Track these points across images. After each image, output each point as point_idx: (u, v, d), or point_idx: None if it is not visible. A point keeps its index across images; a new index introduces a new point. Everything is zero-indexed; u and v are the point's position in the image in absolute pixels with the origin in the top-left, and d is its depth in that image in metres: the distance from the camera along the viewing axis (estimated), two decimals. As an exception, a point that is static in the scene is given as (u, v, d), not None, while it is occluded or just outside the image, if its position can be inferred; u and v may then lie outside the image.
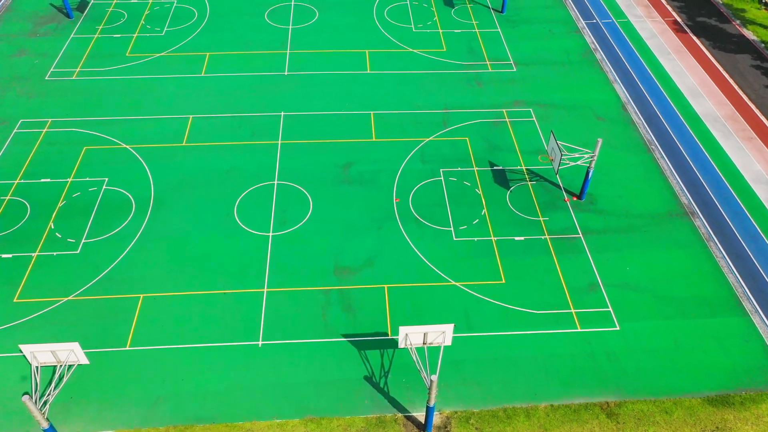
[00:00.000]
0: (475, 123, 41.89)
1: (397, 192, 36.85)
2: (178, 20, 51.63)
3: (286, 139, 40.36)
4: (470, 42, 49.85)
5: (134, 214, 35.08)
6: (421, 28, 51.46)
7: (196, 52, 48.08)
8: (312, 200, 36.22)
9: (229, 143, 39.91)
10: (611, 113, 42.97)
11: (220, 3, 54.10)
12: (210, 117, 41.95)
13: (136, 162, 38.35)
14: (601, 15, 53.62)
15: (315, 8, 53.67)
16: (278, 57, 47.75)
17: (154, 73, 45.69)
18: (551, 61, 47.83)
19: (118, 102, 42.93)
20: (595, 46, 49.63)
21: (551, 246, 33.83)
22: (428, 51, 48.75)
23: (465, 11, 53.66)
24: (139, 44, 48.72)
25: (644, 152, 39.91)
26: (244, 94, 43.99)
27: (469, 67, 47.10)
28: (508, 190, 37.02)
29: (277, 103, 43.20)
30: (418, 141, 40.38)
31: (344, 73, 46.27)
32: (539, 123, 41.93)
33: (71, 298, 30.78)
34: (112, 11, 52.61)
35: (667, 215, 35.67)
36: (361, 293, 31.38)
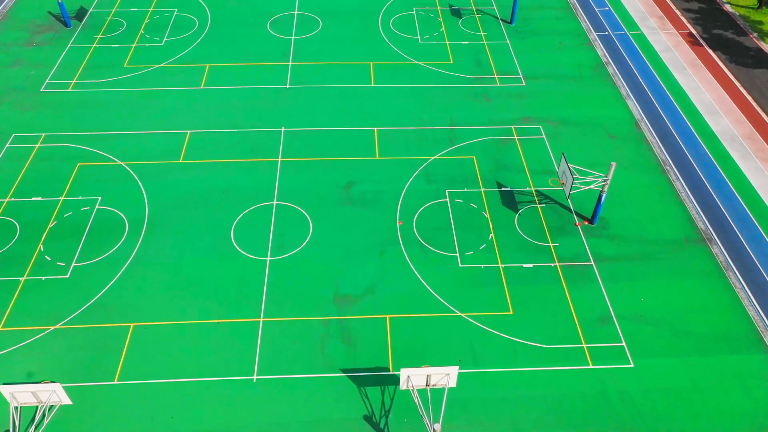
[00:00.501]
0: (482, 140, 40.39)
1: (401, 214, 35.39)
2: (179, 30, 50.34)
3: (286, 156, 38.95)
4: (478, 54, 48.34)
5: (127, 236, 33.73)
6: (428, 39, 49.98)
7: (196, 63, 46.75)
8: (312, 222, 34.80)
9: (227, 160, 38.55)
10: (624, 131, 41.38)
11: (221, 12, 52.80)
12: (208, 132, 40.60)
13: (131, 180, 37.02)
14: (613, 27, 52.01)
15: (318, 18, 52.28)
16: (280, 69, 46.36)
17: (152, 85, 44.38)
18: (562, 75, 46.25)
19: (114, 115, 41.63)
20: (607, 60, 48.03)
21: (561, 274, 32.29)
22: (435, 63, 47.27)
23: (473, 22, 52.16)
24: (137, 55, 47.43)
25: (659, 173, 38.30)
26: (244, 108, 42.62)
27: (476, 80, 45.58)
28: (517, 213, 35.50)
29: (278, 118, 41.80)
30: (423, 159, 38.90)
31: (348, 86, 44.83)
32: (549, 141, 40.39)
33: (59, 326, 29.45)
34: (111, 20, 51.37)
35: (683, 241, 34.06)
36: (361, 324, 29.92)
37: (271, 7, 53.45)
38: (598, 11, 54.03)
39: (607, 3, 54.95)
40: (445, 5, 54.19)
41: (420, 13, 53.23)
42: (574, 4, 54.70)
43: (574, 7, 54.27)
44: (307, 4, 54.07)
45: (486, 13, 53.36)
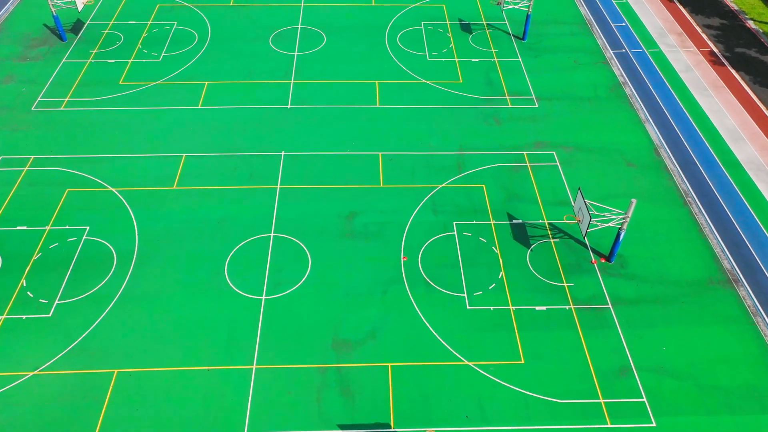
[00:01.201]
0: (492, 167, 38.25)
1: (406, 248, 33.31)
2: (177, 44, 48.46)
3: (285, 183, 36.96)
4: (488, 72, 46.21)
5: (115, 271, 31.82)
6: (436, 56, 47.89)
7: (194, 80, 44.85)
8: (311, 257, 32.78)
9: (223, 187, 36.60)
10: (642, 158, 39.13)
11: (222, 25, 50.90)
12: (205, 156, 38.66)
13: (122, 208, 35.13)
14: (630, 44, 49.74)
15: (323, 32, 50.30)
16: (281, 87, 44.39)
17: (148, 104, 42.51)
18: (576, 97, 44.04)
19: (107, 137, 39.77)
20: (624, 80, 45.77)
21: (576, 318, 30.12)
22: (443, 82, 45.17)
23: (483, 37, 50.03)
24: (133, 71, 45.59)
25: (680, 205, 36.05)
26: (243, 130, 40.66)
27: (486, 101, 43.46)
28: (529, 248, 33.35)
29: (278, 141, 39.83)
30: (429, 188, 36.81)
31: (352, 107, 42.80)
32: (563, 168, 38.21)
33: (37, 372, 27.56)
34: (108, 33, 49.57)
35: (707, 283, 31.81)
36: (361, 373, 27.86)
37: (274, 21, 51.52)
38: (614, 27, 51.78)
39: (624, 19, 52.69)
40: (455, 20, 52.10)
41: (428, 27, 51.15)
42: (590, 20, 52.47)
43: (590, 23, 52.03)
44: (311, 18, 52.12)
45: (497, 28, 51.21)
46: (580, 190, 31.10)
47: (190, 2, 53.64)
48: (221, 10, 52.81)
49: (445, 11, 53.21)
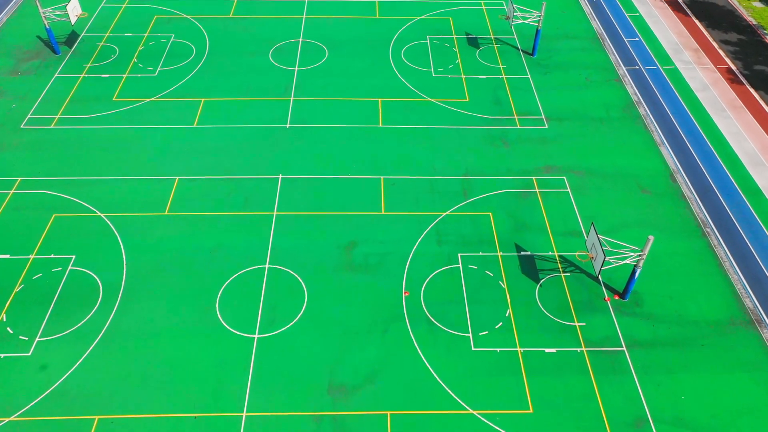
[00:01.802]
0: (500, 193, 36.43)
1: (408, 282, 31.53)
2: (174, 58, 46.82)
3: (282, 209, 35.24)
4: (496, 90, 44.37)
5: (100, 305, 30.15)
6: (442, 72, 46.08)
7: (190, 97, 43.20)
8: (307, 291, 31.03)
9: (217, 213, 34.90)
10: (658, 184, 37.22)
11: (221, 38, 49.25)
12: (199, 179, 36.99)
13: (110, 236, 33.48)
14: (644, 60, 47.80)
15: (325, 47, 48.57)
16: (280, 105, 42.69)
17: (141, 123, 40.88)
18: (588, 117, 42.15)
19: (97, 157, 38.15)
20: (638, 99, 43.84)
21: (589, 362, 28.26)
22: (449, 101, 43.36)
23: (491, 53, 48.19)
24: (128, 86, 43.97)
25: (698, 236, 34.13)
26: (240, 151, 38.95)
27: (494, 121, 41.63)
28: (538, 283, 31.51)
29: (276, 164, 38.10)
30: (433, 215, 35.02)
31: (353, 126, 41.06)
32: (574, 195, 36.34)
33: (13, 418, 25.91)
34: (103, 46, 47.99)
35: (728, 324, 29.89)
36: (358, 422, 26.08)
37: (275, 35, 49.83)
38: (627, 42, 49.84)
39: (638, 33, 50.75)
40: (461, 33, 50.29)
41: (434, 42, 49.35)
42: (602, 35, 50.55)
43: (602, 38, 50.12)
44: (313, 31, 50.40)
45: (505, 43, 49.37)
46: (594, 226, 29.24)
47: (188, 13, 52.03)
48: (220, 22, 51.18)
49: (451, 24, 51.43)
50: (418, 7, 53.50)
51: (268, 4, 53.73)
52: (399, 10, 53.12)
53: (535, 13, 46.42)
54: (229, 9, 52.75)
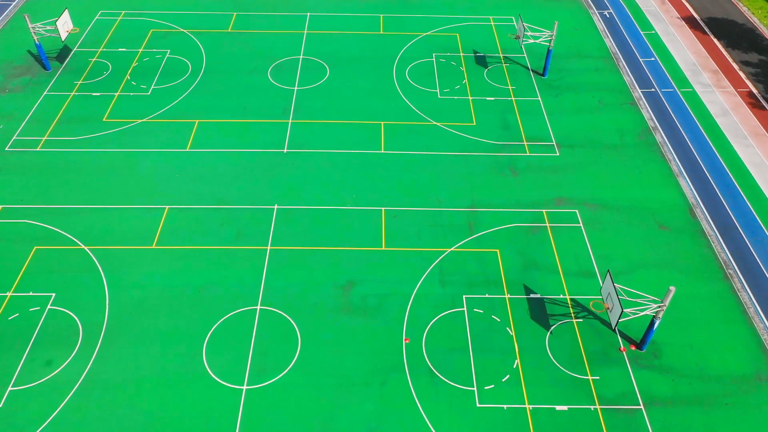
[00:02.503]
0: (508, 228, 34.33)
1: (409, 327, 29.47)
2: (169, 75, 44.91)
3: (277, 243, 33.24)
4: (505, 113, 42.26)
5: (79, 349, 28.19)
6: (448, 93, 44.02)
7: (184, 118, 41.25)
8: (301, 336, 29.00)
9: (208, 247, 32.93)
10: (677, 220, 35.04)
11: (218, 55, 47.30)
12: (190, 209, 35.03)
13: (93, 271, 31.55)
14: (660, 82, 45.58)
15: (326, 64, 46.57)
16: (278, 128, 40.69)
17: (131, 146, 38.96)
18: (601, 144, 40.00)
19: (83, 184, 36.23)
20: (654, 124, 41.66)
21: (603, 422, 26.11)
22: (455, 125, 41.28)
23: (500, 73, 46.07)
24: (119, 106, 42.06)
25: (720, 279, 31.94)
26: (234, 178, 36.97)
27: (502, 147, 39.50)
28: (548, 330, 29.38)
29: (271, 192, 36.11)
30: (437, 252, 32.95)
31: (353, 152, 39.03)
32: (587, 230, 34.21)
33: (-20, 480, 24.05)
34: (95, 62, 46.12)
35: (754, 379, 27.70)
36: (352, 488, 24.08)
37: (275, 51, 47.85)
38: (642, 62, 47.64)
39: (653, 53, 48.54)
40: (469, 51, 48.20)
41: (440, 60, 47.28)
42: (616, 54, 48.36)
43: (616, 57, 47.93)
44: (314, 47, 48.41)
45: (515, 62, 47.24)
46: (609, 275, 27.09)
47: (185, 27, 50.14)
48: (218, 37, 49.26)
49: (458, 41, 49.35)
50: (424, 23, 51.44)
51: (268, 18, 51.79)
52: (404, 26, 51.09)
53: (546, 33, 44.29)
54: (227, 23, 50.83)
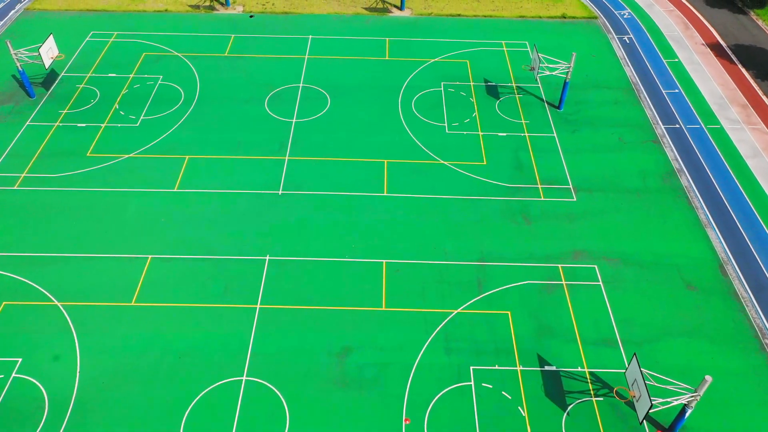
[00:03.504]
0: (520, 285, 31.37)
1: (409, 405, 26.55)
2: (160, 104, 42.22)
3: (267, 300, 30.42)
4: (518, 151, 39.29)
5: (43, 427, 25.48)
6: (457, 127, 41.08)
7: (174, 153, 38.54)
8: (289, 415, 26.13)
9: (191, 305, 30.15)
10: (706, 278, 31.95)
11: (213, 81, 44.56)
12: (174, 259, 32.28)
13: (65, 332, 28.82)
14: (686, 118, 42.44)
15: (327, 93, 43.74)
16: (274, 165, 37.90)
17: (116, 185, 36.27)
18: (622, 187, 36.94)
19: (62, 229, 33.55)
20: (679, 166, 38.56)
21: None
22: (464, 164, 38.34)
23: (512, 104, 43.11)
24: (105, 138, 39.41)
25: (755, 350, 28.82)
26: (224, 223, 34.18)
27: (515, 191, 36.54)
28: (565, 411, 26.40)
29: (264, 241, 33.31)
30: (443, 313, 30.03)
31: (354, 194, 36.17)
32: (607, 290, 31.19)
33: None
34: (83, 88, 43.49)
35: (797, 476, 24.67)
36: None
37: (273, 78, 45.07)
38: (665, 94, 44.51)
39: (677, 84, 45.41)
40: (480, 80, 45.26)
41: (449, 90, 44.35)
42: (637, 84, 45.27)
43: (637, 89, 44.83)
44: (315, 74, 45.60)
45: (528, 92, 44.25)
46: (636, 358, 24.07)
47: (180, 51, 47.49)
48: (214, 62, 46.55)
49: (468, 69, 46.42)
50: (432, 48, 48.56)
51: (267, 41, 49.06)
52: (411, 51, 48.21)
53: (563, 65, 41.30)
54: (224, 47, 48.14)
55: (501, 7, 54.00)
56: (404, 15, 52.75)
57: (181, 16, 51.88)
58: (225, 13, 52.37)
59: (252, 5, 53.63)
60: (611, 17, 53.05)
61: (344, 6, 53.83)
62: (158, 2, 53.26)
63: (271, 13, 52.63)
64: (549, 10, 53.56)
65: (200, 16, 51.89)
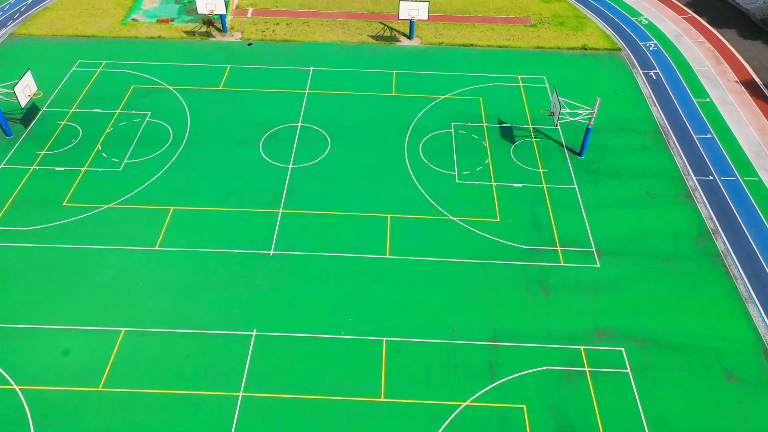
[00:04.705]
0: (536, 372, 27.78)
1: None
2: (146, 145, 38.95)
3: (251, 387, 26.99)
4: (535, 206, 35.69)
5: None
6: (468, 176, 37.54)
7: (157, 204, 35.23)
8: None
9: (166, 391, 26.79)
10: (749, 367, 28.19)
11: (205, 119, 41.20)
12: (150, 333, 28.92)
13: (20, 425, 25.51)
14: (719, 168, 38.66)
15: (327, 135, 40.29)
16: (266, 220, 34.50)
17: (91, 241, 32.98)
18: (651, 252, 33.23)
19: (27, 295, 30.28)
20: (714, 226, 34.83)
21: None
22: (475, 221, 34.79)
23: (529, 150, 39.51)
24: (84, 185, 36.17)
25: (808, 459, 25.17)
26: (208, 290, 30.75)
27: (531, 254, 32.95)
28: None
29: (251, 312, 29.90)
30: (449, 406, 26.50)
31: (353, 256, 32.71)
32: (635, 379, 27.53)
33: None
34: (64, 126, 40.30)
35: None
36: None
37: (270, 116, 41.66)
38: (697, 140, 40.73)
39: (710, 128, 41.61)
40: (493, 120, 41.69)
41: (460, 131, 40.79)
42: (665, 128, 41.52)
43: (665, 132, 41.10)
44: (316, 111, 42.17)
45: (546, 135, 40.63)
46: None
47: (171, 83, 44.20)
48: (207, 96, 43.24)
49: (481, 106, 42.85)
50: (442, 83, 45.02)
51: (266, 72, 45.71)
52: (420, 86, 44.69)
53: (585, 110, 37.68)
54: (219, 79, 44.82)
55: (517, 36, 50.40)
56: (413, 44, 49.27)
57: (175, 43, 48.65)
58: (222, 41, 49.10)
59: (251, 32, 50.36)
60: (636, 49, 49.31)
61: (349, 33, 50.42)
62: (151, 28, 50.09)
63: (271, 41, 49.31)
64: (569, 41, 49.90)
65: (195, 44, 48.65)
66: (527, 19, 52.68)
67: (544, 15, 53.39)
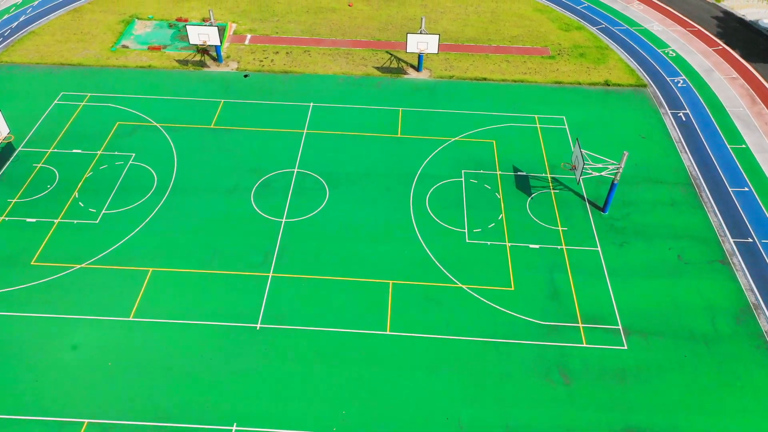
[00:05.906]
0: (557, 484, 24.15)
1: None
2: (127, 193, 35.62)
3: (227, 498, 23.58)
4: (553, 272, 32.03)
5: None
6: (479, 234, 33.93)
7: (135, 264, 31.85)
8: None
9: (130, 501, 23.42)
10: (801, 480, 24.52)
11: (193, 163, 37.80)
12: (117, 426, 25.54)
13: None
14: (760, 229, 34.82)
15: (325, 183, 36.81)
16: (254, 286, 31.02)
17: (58, 309, 29.60)
18: (684, 332, 29.49)
19: (-17, 374, 27.11)
20: (756, 300, 31.04)
21: None
22: (487, 289, 31.19)
23: (547, 203, 35.86)
24: (56, 240, 32.87)
25: None
26: (184, 374, 27.24)
27: (550, 331, 29.30)
28: None
29: (231, 402, 26.33)
30: None
31: (349, 332, 29.17)
32: (671, 495, 23.87)
33: None
34: (40, 168, 37.07)
35: None
36: None
37: (264, 160, 38.23)
38: (733, 193, 36.92)
39: (747, 180, 37.75)
40: (508, 168, 38.07)
41: (471, 180, 37.19)
42: (697, 179, 37.75)
43: (697, 184, 37.33)
44: (314, 156, 38.67)
45: (566, 187, 36.97)
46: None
47: (159, 120, 40.88)
48: (197, 135, 39.87)
49: (494, 151, 39.25)
50: (453, 123, 41.44)
51: (261, 109, 42.28)
52: (428, 126, 41.12)
53: (611, 165, 33.98)
54: (211, 116, 41.45)
55: (534, 69, 46.75)
56: (421, 77, 45.71)
57: (167, 73, 45.36)
58: (217, 71, 45.75)
59: (248, 61, 46.99)
60: (663, 86, 45.51)
61: (353, 64, 46.94)
62: (141, 56, 46.84)
63: (269, 72, 45.90)
64: (590, 75, 46.18)
65: (188, 74, 45.33)
66: (545, 50, 49.00)
67: (563, 45, 49.70)
